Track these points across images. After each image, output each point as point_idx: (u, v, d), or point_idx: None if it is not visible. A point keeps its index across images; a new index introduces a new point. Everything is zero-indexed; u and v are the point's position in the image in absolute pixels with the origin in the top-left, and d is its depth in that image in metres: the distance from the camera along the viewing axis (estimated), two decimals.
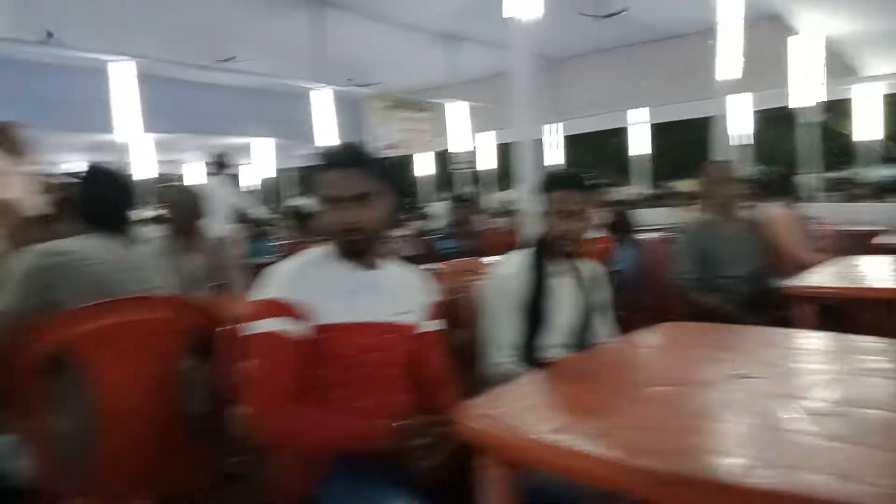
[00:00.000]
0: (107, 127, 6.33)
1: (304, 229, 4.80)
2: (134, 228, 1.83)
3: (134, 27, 6.15)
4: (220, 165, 5.32)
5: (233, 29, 6.69)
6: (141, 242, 1.94)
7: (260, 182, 10.41)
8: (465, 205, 4.71)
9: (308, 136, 8.31)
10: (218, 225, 3.36)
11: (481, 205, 7.01)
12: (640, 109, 8.21)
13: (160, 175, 10.66)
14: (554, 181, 1.87)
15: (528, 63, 4.11)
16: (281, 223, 6.34)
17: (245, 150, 9.35)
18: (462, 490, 1.33)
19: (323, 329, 1.43)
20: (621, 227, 3.47)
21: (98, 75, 5.94)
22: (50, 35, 5.29)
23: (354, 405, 1.45)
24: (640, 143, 8.43)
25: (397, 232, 4.58)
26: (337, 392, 1.45)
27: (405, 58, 7.96)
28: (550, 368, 1.57)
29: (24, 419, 1.55)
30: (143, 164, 7.43)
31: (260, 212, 6.87)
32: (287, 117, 8.77)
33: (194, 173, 10.83)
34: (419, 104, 7.89)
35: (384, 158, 1.63)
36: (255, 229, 5.56)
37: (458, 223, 4.48)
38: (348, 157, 1.49)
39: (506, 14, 3.95)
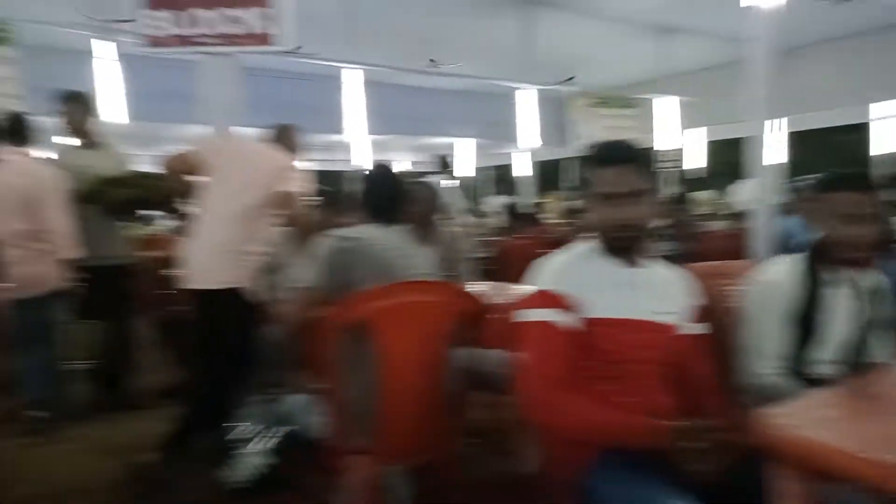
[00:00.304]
0: (335, 129, 7.03)
1: (519, 225, 4.92)
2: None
3: (361, 37, 6.72)
4: (444, 165, 5.66)
5: (445, 33, 7.04)
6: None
7: (459, 181, 10.84)
8: (680, 206, 4.49)
9: (507, 136, 8.48)
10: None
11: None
12: (888, 103, 7.15)
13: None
14: (837, 181, 1.71)
15: (765, 53, 3.80)
16: (491, 219, 6.57)
17: (446, 149, 9.81)
18: (739, 497, 1.29)
19: (589, 322, 1.47)
20: (883, 237, 3.05)
21: (329, 82, 6.62)
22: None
23: (618, 401, 1.47)
24: (884, 142, 7.34)
25: None
26: (601, 386, 1.48)
27: (612, 53, 7.76)
28: (839, 385, 1.46)
29: (320, 381, 1.81)
30: (361, 165, 8.16)
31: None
32: (489, 118, 9.04)
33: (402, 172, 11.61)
34: (624, 101, 7.66)
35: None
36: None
37: (675, 225, 4.28)
38: (624, 154, 1.51)
39: (744, 3, 3.69)
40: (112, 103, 5.54)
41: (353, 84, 6.27)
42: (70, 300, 3.33)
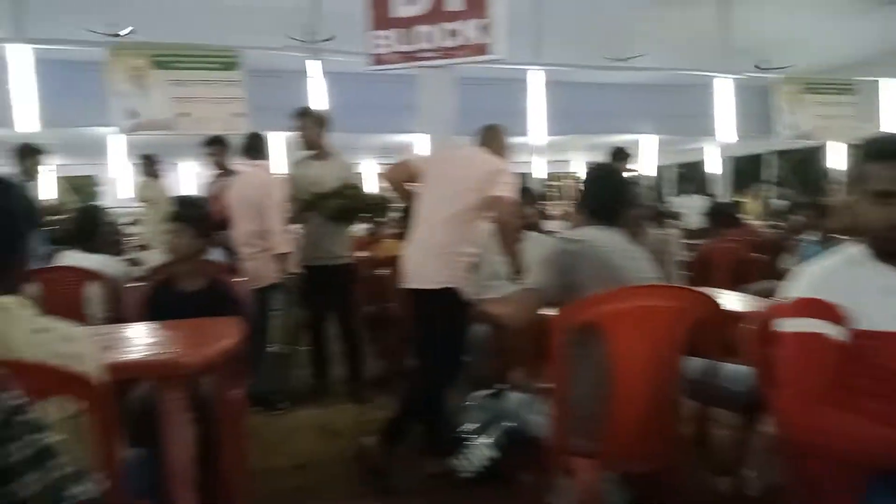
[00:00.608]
0: (517, 132, 7.07)
1: (720, 227, 4.60)
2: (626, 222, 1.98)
3: (545, 37, 6.71)
4: (621, 156, 5.39)
5: (632, 26, 6.78)
6: None
7: (638, 174, 10.40)
8: None
9: (697, 129, 7.95)
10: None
11: None
12: None
13: (549, 175, 11.64)
14: None
15: None
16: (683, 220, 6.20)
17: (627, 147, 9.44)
18: None
19: (861, 335, 1.32)
20: None
21: (511, 84, 6.68)
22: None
23: (892, 420, 1.29)
24: None
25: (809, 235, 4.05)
26: (871, 404, 1.32)
27: (822, 33, 6.96)
28: None
29: (544, 380, 1.82)
30: (539, 166, 8.17)
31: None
32: (676, 111, 8.56)
33: (579, 172, 11.39)
34: (840, 85, 6.81)
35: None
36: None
37: None
38: None
39: None
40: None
41: (535, 85, 6.28)
42: (288, 293, 3.73)
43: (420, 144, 8.35)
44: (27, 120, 5.29)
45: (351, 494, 2.58)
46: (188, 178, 10.30)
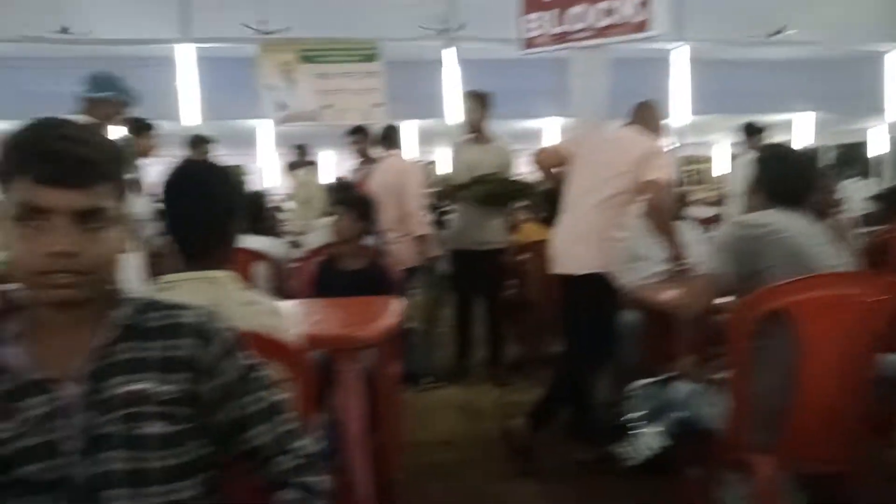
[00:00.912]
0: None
1: (890, 214, 4.13)
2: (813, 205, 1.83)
3: (689, 11, 6.32)
4: (755, 132, 4.92)
5: None
6: None
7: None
8: None
9: (858, 108, 7.17)
10: None
11: None
12: None
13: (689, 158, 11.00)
14: None
15: None
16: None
17: (779, 126, 8.68)
18: None
19: None
20: None
21: (655, 64, 6.35)
22: None
23: None
24: None
25: None
26: None
27: None
28: None
29: (720, 371, 1.74)
30: (680, 148, 7.74)
31: None
32: (835, 89, 7.75)
33: (722, 155, 10.67)
34: None
35: None
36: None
37: None
38: None
39: None
40: (453, 104, 6.17)
41: (679, 63, 5.96)
42: (429, 275, 3.82)
43: (551, 130, 8.22)
44: (191, 114, 5.83)
45: (494, 474, 2.60)
46: (327, 167, 10.82)
